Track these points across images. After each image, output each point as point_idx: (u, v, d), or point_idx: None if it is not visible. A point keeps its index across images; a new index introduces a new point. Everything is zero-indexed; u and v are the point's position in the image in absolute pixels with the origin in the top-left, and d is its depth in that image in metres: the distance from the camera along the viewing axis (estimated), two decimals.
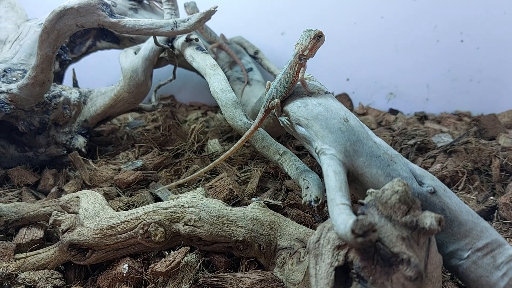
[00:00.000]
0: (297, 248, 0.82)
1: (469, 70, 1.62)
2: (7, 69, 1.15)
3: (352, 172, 0.68)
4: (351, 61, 1.69)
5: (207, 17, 0.99)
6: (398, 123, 1.51)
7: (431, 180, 0.68)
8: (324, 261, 0.59)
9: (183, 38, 1.08)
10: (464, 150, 1.22)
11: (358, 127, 0.71)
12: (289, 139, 1.32)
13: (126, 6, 1.36)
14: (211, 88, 0.93)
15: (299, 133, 0.75)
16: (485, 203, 1.02)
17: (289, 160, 0.83)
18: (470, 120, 1.51)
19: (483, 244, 0.63)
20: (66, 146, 1.21)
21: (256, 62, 1.54)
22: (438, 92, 1.67)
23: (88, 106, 1.23)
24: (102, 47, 1.42)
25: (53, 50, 0.99)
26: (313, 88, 0.79)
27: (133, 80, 1.14)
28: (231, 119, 0.88)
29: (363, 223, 0.51)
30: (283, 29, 1.66)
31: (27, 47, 1.22)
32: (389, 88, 1.70)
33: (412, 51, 1.63)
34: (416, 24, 1.59)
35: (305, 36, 0.78)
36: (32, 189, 1.14)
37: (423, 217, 0.56)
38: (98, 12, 0.95)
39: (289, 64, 0.78)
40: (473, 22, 1.55)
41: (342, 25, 1.63)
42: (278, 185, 1.11)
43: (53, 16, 0.94)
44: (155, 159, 1.20)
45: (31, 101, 1.08)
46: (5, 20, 1.34)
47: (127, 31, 0.99)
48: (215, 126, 1.46)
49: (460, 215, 0.65)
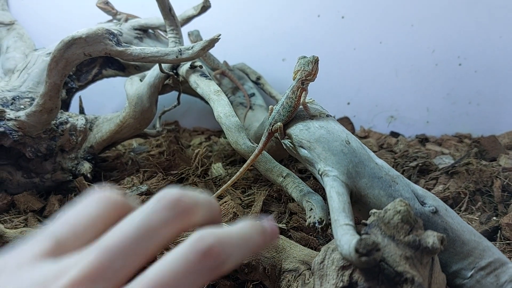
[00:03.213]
0: (301, 270, 0.82)
1: (468, 92, 1.64)
2: (15, 97, 1.18)
3: (355, 193, 0.69)
4: (351, 85, 1.72)
5: (211, 45, 1.02)
6: (399, 146, 1.52)
7: (433, 200, 0.69)
8: (329, 282, 0.60)
9: (187, 65, 1.11)
10: (465, 171, 1.23)
11: (360, 149, 0.73)
12: (292, 162, 1.34)
13: (132, 35, 1.40)
14: (215, 113, 0.95)
15: (302, 155, 0.76)
16: (488, 224, 1.02)
17: (293, 183, 0.84)
18: (471, 142, 1.52)
19: (486, 263, 0.64)
20: (72, 172, 1.23)
21: (258, 88, 1.57)
22: (438, 114, 1.69)
23: (94, 132, 1.25)
24: (108, 74, 1.45)
25: (61, 78, 1.02)
26: (315, 111, 0.81)
27: (138, 107, 1.17)
28: (235, 142, 0.90)
29: (366, 242, 0.52)
30: (284, 56, 1.70)
31: (35, 75, 1.25)
32: (390, 111, 1.72)
33: (412, 75, 1.66)
34: (415, 49, 1.62)
35: (306, 62, 0.81)
36: (38, 215, 1.15)
37: (426, 236, 0.57)
38: (105, 41, 0.99)
39: (291, 89, 0.80)
40: (470, 46, 1.59)
41: (342, 51, 1.67)
42: (281, 208, 1.12)
43: (61, 45, 0.97)
44: (160, 183, 1.21)
45: (39, 128, 1.11)
46: (13, 50, 1.37)
47: (133, 59, 1.02)
48: (218, 150, 1.48)
49: (463, 234, 0.66)
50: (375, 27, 1.62)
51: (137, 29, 1.43)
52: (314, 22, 1.64)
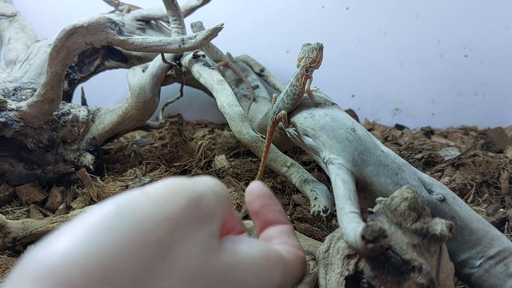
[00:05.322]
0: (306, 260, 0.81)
1: (474, 84, 1.62)
2: (17, 88, 1.17)
3: (360, 181, 0.68)
4: (356, 77, 1.70)
5: (214, 34, 1.01)
6: (404, 138, 1.51)
7: (440, 188, 0.68)
8: (334, 270, 0.59)
9: (190, 55, 1.10)
10: (472, 163, 1.21)
11: (366, 137, 0.71)
12: (296, 154, 1.33)
13: (134, 26, 1.38)
14: (218, 103, 0.94)
15: (306, 143, 0.75)
16: (495, 215, 1.01)
17: (297, 172, 0.83)
18: (477, 134, 1.50)
19: (495, 252, 0.62)
20: (74, 164, 1.22)
21: (262, 80, 1.55)
22: (444, 106, 1.67)
23: (96, 124, 1.24)
24: (110, 66, 1.44)
25: (63, 68, 1.01)
26: (320, 99, 0.80)
27: (141, 97, 1.16)
28: (238, 132, 0.89)
29: (373, 229, 0.51)
30: (288, 47, 1.68)
31: (36, 66, 1.24)
32: (395, 103, 1.71)
33: (417, 67, 1.64)
34: (420, 40, 1.60)
35: (310, 49, 0.80)
36: (40, 207, 1.14)
37: (434, 223, 0.55)
38: (107, 30, 0.97)
39: (296, 76, 0.79)
40: (476, 36, 1.57)
41: (346, 42, 1.65)
42: (285, 200, 1.11)
43: (63, 34, 0.96)
44: (163, 175, 1.20)
45: (40, 119, 1.10)
46: (15, 41, 1.37)
47: (135, 48, 1.00)
48: (221, 142, 1.47)
49: (471, 222, 0.65)
50: (380, 18, 1.60)
51: (139, 20, 1.41)
52: (318, 13, 1.63)
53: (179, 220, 0.34)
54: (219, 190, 0.41)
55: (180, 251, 0.33)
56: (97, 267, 0.29)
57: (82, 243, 0.30)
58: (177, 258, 0.33)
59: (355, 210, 0.59)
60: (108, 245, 0.30)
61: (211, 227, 0.38)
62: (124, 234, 0.31)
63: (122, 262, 0.30)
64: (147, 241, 0.31)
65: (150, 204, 0.33)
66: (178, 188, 0.36)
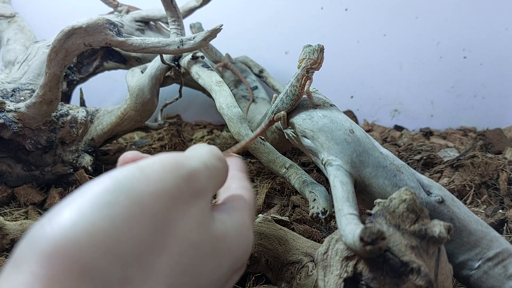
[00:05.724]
0: (305, 262, 0.81)
1: (473, 85, 1.62)
2: (15, 89, 1.17)
3: (359, 182, 0.68)
4: (355, 78, 1.70)
5: (213, 35, 1.01)
6: (403, 139, 1.51)
7: (439, 190, 0.68)
8: (333, 272, 0.59)
9: (189, 56, 1.10)
10: (470, 164, 1.21)
11: (364, 138, 0.71)
12: (295, 155, 1.32)
13: (133, 27, 1.38)
14: (217, 104, 0.94)
15: (305, 145, 0.75)
16: (494, 217, 1.01)
17: (296, 173, 0.83)
18: (476, 135, 1.50)
19: (494, 253, 0.62)
20: (72, 165, 1.22)
21: (261, 81, 1.55)
22: (443, 108, 1.67)
23: (95, 125, 1.24)
24: (109, 67, 1.43)
25: (61, 69, 1.01)
26: (318, 100, 0.80)
27: (139, 98, 1.16)
28: (237, 133, 0.88)
29: (372, 231, 0.51)
30: (287, 48, 1.68)
31: (35, 67, 1.24)
32: (394, 105, 1.71)
33: (416, 68, 1.64)
34: (419, 41, 1.60)
35: (311, 50, 0.80)
36: (39, 208, 1.14)
37: (432, 225, 0.55)
38: (106, 31, 0.97)
39: (296, 77, 0.79)
40: (476, 38, 1.57)
41: (345, 44, 1.65)
42: (284, 201, 1.11)
43: (61, 35, 0.96)
44: None
45: (39, 120, 1.09)
46: (14, 42, 1.36)
47: (134, 49, 1.00)
48: (220, 143, 1.47)
49: (470, 224, 0.65)
50: (379, 20, 1.60)
51: (138, 21, 1.41)
52: (317, 14, 1.63)
53: (174, 195, 0.36)
54: (213, 163, 0.42)
55: (177, 224, 0.35)
56: (104, 240, 0.30)
57: (87, 217, 0.31)
58: (176, 231, 0.35)
59: (353, 212, 0.59)
60: (111, 218, 0.31)
61: (204, 201, 0.39)
62: (125, 208, 0.32)
63: (126, 234, 0.31)
64: (147, 215, 0.33)
65: (146, 182, 0.35)
66: (171, 165, 0.37)
